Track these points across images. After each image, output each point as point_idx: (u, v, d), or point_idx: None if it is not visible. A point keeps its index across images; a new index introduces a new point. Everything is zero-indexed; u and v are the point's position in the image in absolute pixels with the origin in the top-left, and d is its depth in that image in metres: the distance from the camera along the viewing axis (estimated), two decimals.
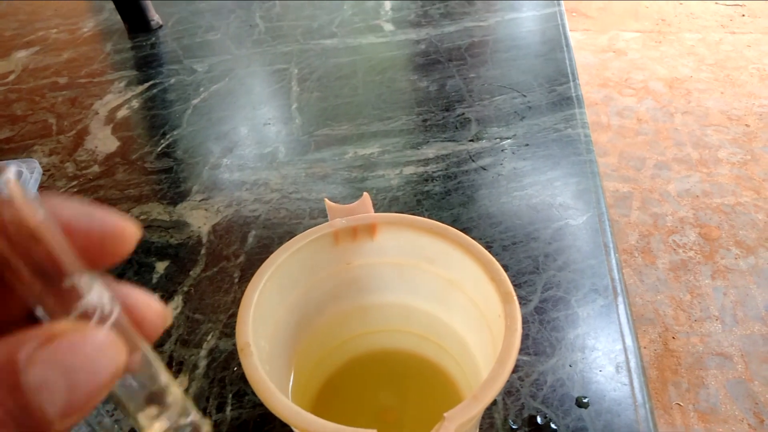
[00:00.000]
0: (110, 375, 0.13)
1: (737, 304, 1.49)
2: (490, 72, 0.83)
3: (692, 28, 2.72)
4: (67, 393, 0.12)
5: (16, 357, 0.12)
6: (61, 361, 0.12)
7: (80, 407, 0.13)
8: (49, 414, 0.12)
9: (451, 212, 0.60)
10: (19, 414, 0.11)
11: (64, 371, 0.12)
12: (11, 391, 0.11)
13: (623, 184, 1.84)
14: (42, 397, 0.12)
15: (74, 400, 0.12)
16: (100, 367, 0.13)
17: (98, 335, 0.13)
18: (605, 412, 0.43)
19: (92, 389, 0.13)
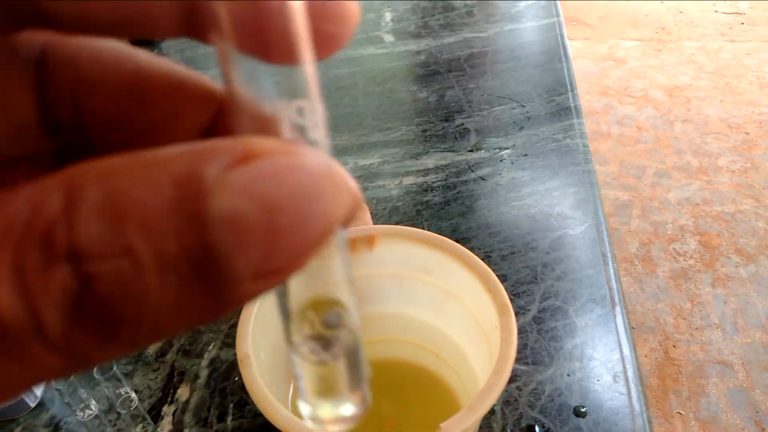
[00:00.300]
0: (325, 225, 0.09)
1: (738, 312, 1.49)
2: (489, 83, 0.83)
3: (692, 37, 2.73)
4: (265, 241, 0.09)
5: (200, 173, 0.08)
6: (262, 191, 0.08)
7: (281, 266, 0.09)
8: (238, 267, 0.08)
9: (451, 222, 0.61)
10: (200, 256, 0.08)
11: (265, 207, 0.08)
12: (192, 221, 0.08)
13: (623, 193, 1.85)
14: (231, 238, 0.08)
15: (272, 251, 0.09)
16: (315, 211, 0.09)
17: (316, 163, 0.09)
18: (603, 421, 0.44)
19: (302, 240, 0.09)
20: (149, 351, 0.50)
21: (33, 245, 0.08)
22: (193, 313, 0.09)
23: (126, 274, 0.08)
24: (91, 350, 0.09)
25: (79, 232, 0.08)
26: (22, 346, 0.08)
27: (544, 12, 1.01)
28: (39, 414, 0.46)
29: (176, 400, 0.47)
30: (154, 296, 0.08)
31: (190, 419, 0.45)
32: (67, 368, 0.09)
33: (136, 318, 0.08)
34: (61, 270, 0.08)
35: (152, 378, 0.48)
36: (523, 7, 1.03)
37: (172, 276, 0.08)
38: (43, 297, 0.08)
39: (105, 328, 0.08)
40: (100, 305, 0.08)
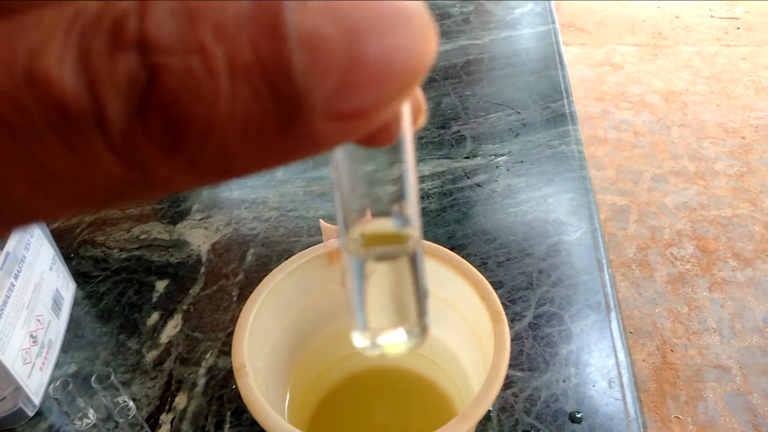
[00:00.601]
0: (408, 64, 0.08)
1: (735, 316, 1.49)
2: (485, 90, 0.84)
3: (688, 42, 2.74)
4: (345, 67, 0.08)
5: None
6: (345, 15, 0.08)
7: (355, 102, 0.08)
8: (313, 92, 0.08)
9: (447, 229, 0.61)
10: (274, 69, 0.08)
11: (347, 30, 0.08)
12: (269, 32, 0.08)
13: (620, 198, 1.85)
14: (309, 56, 0.08)
15: (350, 82, 0.08)
16: (396, 44, 0.08)
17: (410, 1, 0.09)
18: (598, 426, 0.44)
19: (380, 73, 0.08)
20: (147, 359, 0.50)
21: (101, 31, 0.08)
22: (262, 141, 0.08)
23: (196, 73, 0.08)
24: (152, 160, 0.08)
25: (150, 24, 0.08)
26: (82, 135, 0.08)
27: (540, 19, 1.02)
28: (37, 423, 0.46)
29: (174, 408, 0.47)
30: (224, 105, 0.08)
31: (187, 428, 0.45)
32: (125, 180, 0.08)
33: (203, 127, 0.08)
34: (128, 58, 0.07)
35: (150, 386, 0.48)
36: (519, 14, 1.04)
37: (244, 86, 0.08)
38: (107, 83, 0.07)
39: (169, 133, 0.08)
40: (166, 104, 0.08)
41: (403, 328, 0.13)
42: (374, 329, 0.13)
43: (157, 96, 0.08)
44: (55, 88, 0.07)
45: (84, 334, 0.53)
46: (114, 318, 0.54)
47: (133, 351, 0.51)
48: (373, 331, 0.13)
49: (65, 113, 0.07)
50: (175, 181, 0.09)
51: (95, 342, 0.52)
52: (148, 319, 0.54)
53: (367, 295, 0.13)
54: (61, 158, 0.08)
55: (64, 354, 0.52)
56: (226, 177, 0.09)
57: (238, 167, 0.09)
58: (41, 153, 0.08)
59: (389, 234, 0.12)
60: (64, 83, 0.07)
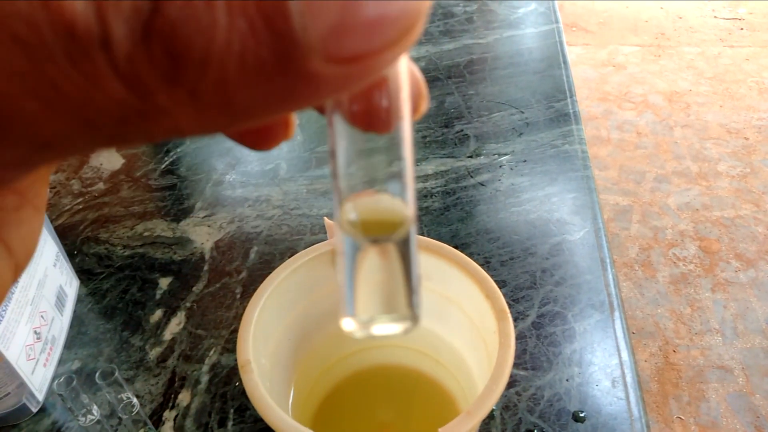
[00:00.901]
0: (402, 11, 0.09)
1: (737, 317, 1.49)
2: (488, 89, 0.84)
3: (691, 42, 2.73)
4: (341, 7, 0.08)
5: None
6: None
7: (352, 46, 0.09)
8: (309, 30, 0.08)
9: (450, 228, 0.61)
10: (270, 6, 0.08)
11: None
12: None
13: (623, 198, 1.85)
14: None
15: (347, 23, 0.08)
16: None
17: None
18: (601, 426, 0.44)
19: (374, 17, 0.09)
20: (150, 356, 0.50)
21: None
22: (260, 76, 0.09)
23: (196, 5, 0.08)
24: (154, 86, 0.09)
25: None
26: (89, 57, 0.08)
27: (544, 18, 1.02)
28: (41, 419, 0.46)
29: (177, 405, 0.47)
30: (222, 35, 0.08)
31: (191, 424, 0.45)
32: (130, 106, 0.09)
33: (203, 56, 0.08)
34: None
35: (153, 383, 0.49)
36: (522, 13, 1.04)
37: (241, 19, 0.08)
38: (113, 11, 0.08)
39: (170, 60, 0.08)
40: (168, 33, 0.08)
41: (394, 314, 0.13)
42: (364, 313, 0.13)
43: (159, 25, 0.08)
44: (66, 12, 0.08)
45: (87, 331, 0.53)
46: (117, 315, 0.54)
47: (137, 348, 0.51)
48: (363, 316, 0.13)
49: (74, 35, 0.08)
50: (179, 113, 0.09)
51: (99, 339, 0.53)
52: (151, 316, 0.54)
53: (358, 277, 0.13)
54: (69, 78, 0.08)
55: (68, 351, 0.52)
56: (229, 115, 0.09)
57: (238, 103, 0.09)
58: (52, 71, 0.08)
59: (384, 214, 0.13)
60: (74, 8, 0.08)
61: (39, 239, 0.14)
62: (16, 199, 0.13)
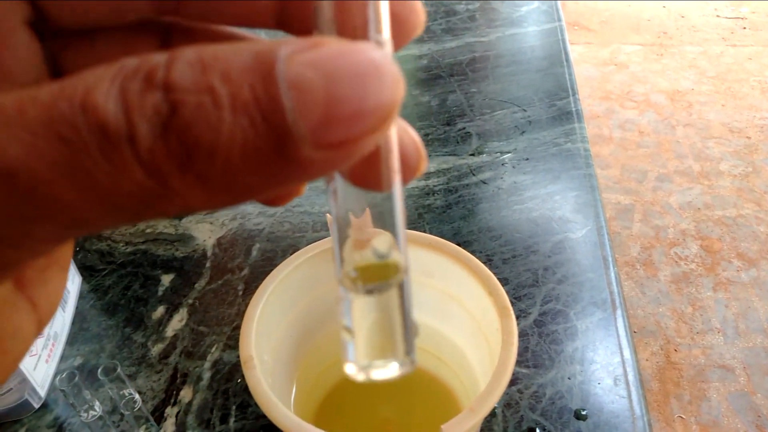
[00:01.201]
0: (378, 104, 0.11)
1: (739, 316, 1.49)
2: (490, 87, 0.84)
3: (693, 41, 2.73)
4: (325, 104, 0.10)
5: (275, 49, 0.10)
6: (325, 65, 0.10)
7: (336, 134, 0.10)
8: (299, 123, 0.10)
9: (452, 225, 0.61)
10: (267, 105, 0.10)
11: (325, 76, 0.10)
12: (263, 78, 0.10)
13: (625, 197, 1.85)
14: (295, 95, 0.10)
15: (330, 117, 0.10)
16: (368, 88, 0.10)
17: (374, 54, 0.11)
18: (603, 424, 0.44)
19: (354, 111, 0.10)
20: (152, 353, 0.50)
21: (138, 77, 0.10)
22: (259, 162, 0.10)
23: (206, 106, 0.10)
24: (170, 173, 0.10)
25: (173, 72, 0.10)
26: (117, 149, 0.10)
27: (546, 17, 1.02)
28: (43, 415, 0.46)
29: (179, 401, 0.47)
30: (227, 129, 0.10)
31: (192, 421, 0.46)
32: (149, 190, 0.10)
33: (211, 147, 0.10)
34: (155, 95, 0.10)
35: (155, 380, 0.49)
36: (525, 11, 1.04)
37: (243, 116, 0.10)
38: (138, 111, 0.10)
39: (184, 151, 0.10)
40: (183, 129, 0.10)
41: (391, 359, 0.14)
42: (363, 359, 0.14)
43: (175, 123, 0.10)
44: (100, 114, 0.10)
45: (89, 327, 0.53)
46: (119, 311, 0.55)
47: (139, 344, 0.51)
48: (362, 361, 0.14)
49: (106, 133, 0.10)
50: (190, 195, 0.11)
51: (101, 335, 0.53)
52: (153, 312, 0.54)
53: (356, 325, 0.14)
54: (101, 167, 0.10)
55: (70, 347, 0.52)
56: (233, 195, 0.11)
57: (241, 185, 0.11)
58: (88, 162, 0.10)
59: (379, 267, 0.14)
60: (107, 111, 0.10)
61: (62, 295, 0.16)
62: (44, 260, 0.15)
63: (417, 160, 0.15)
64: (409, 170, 0.15)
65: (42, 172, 0.10)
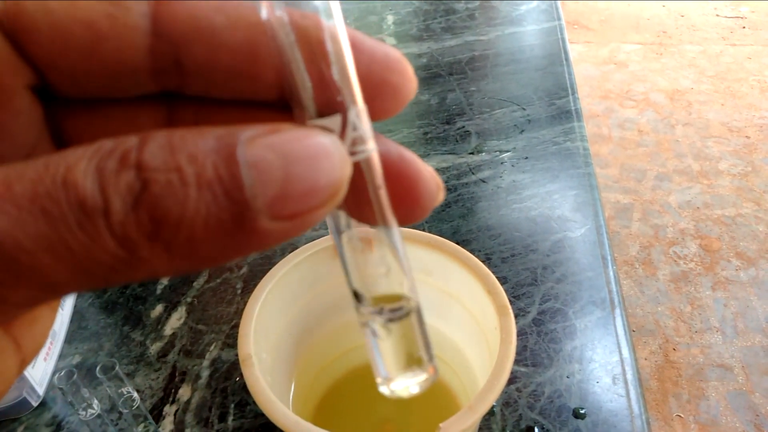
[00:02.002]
0: (328, 182, 0.12)
1: (738, 315, 1.49)
2: (490, 86, 0.84)
3: (693, 40, 2.73)
4: (282, 182, 0.11)
5: (237, 133, 0.12)
6: (281, 148, 0.12)
7: (291, 207, 0.12)
8: (258, 197, 0.11)
9: (451, 224, 0.61)
10: (229, 183, 0.11)
11: (282, 157, 0.12)
12: (225, 160, 0.11)
13: (624, 196, 1.85)
14: (254, 174, 0.11)
15: (287, 193, 0.12)
16: (320, 168, 0.12)
17: (325, 139, 0.12)
18: (602, 423, 0.44)
19: (307, 187, 0.12)
20: (151, 351, 0.50)
21: (113, 157, 0.11)
22: (221, 233, 0.11)
23: (174, 184, 0.11)
24: (139, 242, 0.11)
25: (145, 153, 0.11)
26: (93, 222, 0.11)
27: (546, 15, 1.02)
28: (41, 413, 0.46)
29: (178, 400, 0.47)
30: (192, 204, 0.11)
31: (191, 419, 0.45)
32: (120, 258, 0.11)
33: (177, 219, 0.11)
34: (128, 174, 0.11)
35: (154, 378, 0.49)
36: (524, 10, 1.03)
37: (207, 192, 0.11)
38: (113, 188, 0.11)
39: (152, 223, 0.11)
40: (152, 204, 0.11)
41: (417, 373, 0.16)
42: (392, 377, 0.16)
43: (146, 198, 0.11)
44: (79, 190, 0.11)
45: (88, 326, 0.53)
46: (118, 310, 0.54)
47: (137, 343, 0.51)
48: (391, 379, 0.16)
49: (84, 207, 0.11)
50: (156, 262, 0.12)
51: (99, 333, 0.53)
52: (152, 311, 0.54)
53: (381, 350, 0.16)
54: (77, 238, 0.11)
55: (68, 345, 0.52)
56: (196, 262, 0.12)
57: (203, 253, 0.12)
58: (64, 232, 0.11)
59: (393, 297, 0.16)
60: (85, 187, 0.11)
61: (48, 335, 0.16)
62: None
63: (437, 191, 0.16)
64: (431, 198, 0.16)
65: (25, 242, 0.11)
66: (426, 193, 0.16)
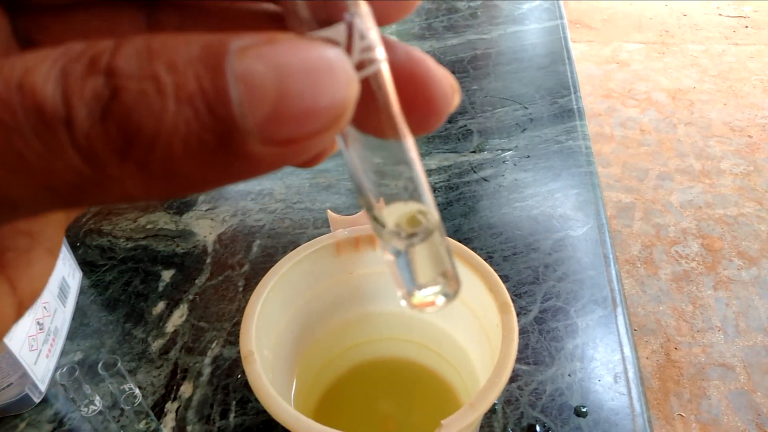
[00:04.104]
0: (331, 103, 0.10)
1: (739, 314, 1.49)
2: (492, 84, 0.84)
3: (696, 40, 2.73)
4: (275, 100, 0.10)
5: (226, 42, 0.10)
6: (276, 60, 0.10)
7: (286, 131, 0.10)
8: (247, 118, 0.10)
9: (453, 223, 0.61)
10: (213, 98, 0.10)
11: (276, 71, 0.10)
12: (211, 70, 0.10)
13: (626, 195, 1.85)
14: (243, 89, 0.10)
15: (280, 113, 0.10)
16: (322, 86, 0.10)
17: (328, 52, 0.11)
18: (603, 421, 0.44)
19: (305, 108, 0.10)
20: (152, 348, 0.50)
21: (81, 61, 0.10)
22: (203, 154, 0.10)
23: (148, 93, 0.10)
24: (108, 159, 0.10)
25: (118, 58, 0.10)
26: (53, 132, 0.10)
27: (548, 14, 1.02)
28: (43, 410, 0.47)
29: (179, 397, 0.47)
30: (169, 119, 0.10)
31: (192, 416, 0.46)
32: (86, 175, 0.10)
33: (152, 136, 0.10)
34: (96, 80, 0.10)
35: (156, 375, 0.49)
36: (526, 9, 1.03)
37: (187, 107, 0.10)
38: (77, 95, 0.10)
39: (122, 138, 0.10)
40: (122, 115, 0.10)
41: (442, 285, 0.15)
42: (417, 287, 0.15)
43: (115, 109, 0.10)
44: (37, 95, 0.10)
45: (90, 323, 0.53)
46: (120, 307, 0.55)
47: (139, 340, 0.52)
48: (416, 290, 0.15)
49: (42, 114, 0.10)
50: (129, 183, 0.10)
51: (101, 330, 0.53)
52: (154, 308, 0.54)
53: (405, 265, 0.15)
54: (34, 149, 0.10)
55: (70, 342, 0.52)
56: (174, 185, 0.11)
57: (183, 176, 0.10)
58: (20, 143, 0.10)
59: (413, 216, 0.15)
60: (45, 92, 0.10)
61: (48, 280, 0.15)
62: (27, 241, 0.14)
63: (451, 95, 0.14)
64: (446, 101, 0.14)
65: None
66: (440, 96, 0.14)
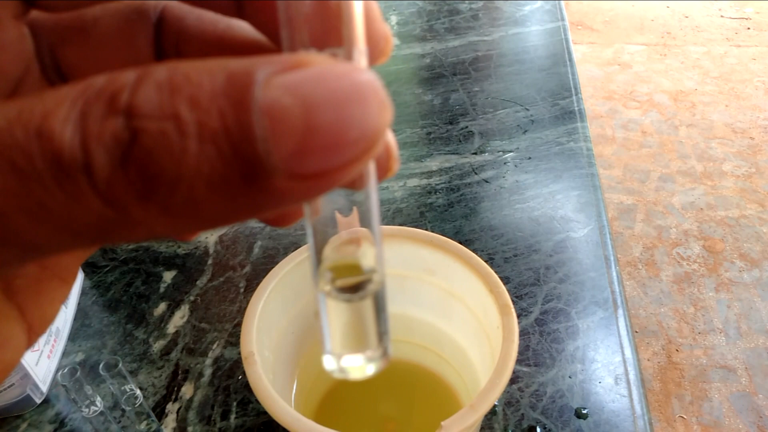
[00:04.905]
0: (363, 134, 0.10)
1: (741, 317, 1.49)
2: (493, 86, 0.84)
3: (697, 41, 2.72)
4: (300, 134, 0.09)
5: (252, 71, 0.09)
6: (303, 90, 0.09)
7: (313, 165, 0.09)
8: (272, 154, 0.09)
9: (454, 224, 0.61)
10: (238, 135, 0.09)
11: (304, 103, 0.09)
12: (235, 105, 0.09)
13: (627, 197, 1.85)
14: (268, 123, 0.09)
15: (307, 148, 0.09)
16: (353, 116, 0.09)
17: (362, 75, 0.10)
18: (604, 423, 0.44)
19: (334, 141, 0.09)
20: (154, 349, 0.51)
21: (100, 100, 0.09)
22: (227, 193, 0.10)
23: (169, 134, 0.09)
24: (130, 203, 0.09)
25: (137, 95, 0.09)
26: (72, 179, 0.09)
27: (549, 16, 1.02)
28: (45, 410, 0.47)
29: (180, 397, 0.47)
30: (192, 160, 0.09)
31: (193, 417, 0.46)
32: (108, 218, 0.10)
33: (174, 178, 0.09)
34: (116, 122, 0.09)
35: (157, 376, 0.49)
36: (528, 11, 1.03)
37: (210, 146, 0.09)
38: (96, 140, 0.09)
39: (144, 182, 0.09)
40: (143, 158, 0.09)
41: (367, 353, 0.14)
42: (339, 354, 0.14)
43: (136, 153, 0.09)
44: (55, 142, 0.09)
45: (91, 324, 0.53)
46: (121, 308, 0.55)
47: (140, 341, 0.52)
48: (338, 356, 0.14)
49: (61, 162, 0.09)
50: (153, 223, 0.10)
51: (102, 331, 0.53)
52: (155, 309, 0.54)
53: (332, 325, 0.14)
54: (55, 197, 0.09)
55: (72, 343, 0.52)
56: (199, 222, 0.10)
57: (208, 214, 0.10)
58: (39, 191, 0.09)
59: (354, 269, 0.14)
60: (63, 139, 0.09)
61: (60, 309, 0.15)
62: (38, 270, 0.14)
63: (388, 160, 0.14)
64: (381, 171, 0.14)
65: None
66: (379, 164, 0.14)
